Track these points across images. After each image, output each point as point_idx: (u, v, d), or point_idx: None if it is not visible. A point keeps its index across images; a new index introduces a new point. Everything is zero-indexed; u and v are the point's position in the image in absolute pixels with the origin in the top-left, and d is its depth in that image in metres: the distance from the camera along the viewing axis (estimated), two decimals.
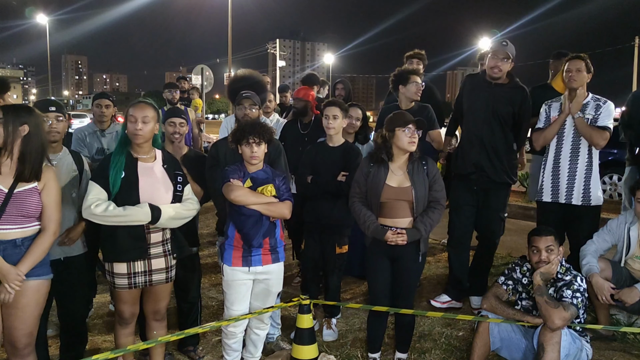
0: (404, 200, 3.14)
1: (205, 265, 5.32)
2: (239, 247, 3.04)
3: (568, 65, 3.99)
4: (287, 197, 3.05)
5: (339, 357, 3.56)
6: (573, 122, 4.00)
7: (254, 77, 3.87)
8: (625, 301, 3.55)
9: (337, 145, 3.79)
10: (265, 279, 3.11)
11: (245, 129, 2.99)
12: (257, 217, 2.96)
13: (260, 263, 3.06)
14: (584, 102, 3.98)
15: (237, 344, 3.21)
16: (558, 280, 3.22)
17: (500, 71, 4.07)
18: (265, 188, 2.99)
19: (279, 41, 77.80)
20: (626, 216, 3.84)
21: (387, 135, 3.16)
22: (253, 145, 2.95)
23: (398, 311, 3.24)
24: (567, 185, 4.02)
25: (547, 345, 2.96)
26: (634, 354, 3.58)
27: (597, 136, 3.90)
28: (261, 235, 2.99)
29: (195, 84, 13.91)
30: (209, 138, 10.62)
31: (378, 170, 3.18)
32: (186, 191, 3.00)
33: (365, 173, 3.23)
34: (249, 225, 2.96)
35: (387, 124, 3.20)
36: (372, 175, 3.19)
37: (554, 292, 3.19)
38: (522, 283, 3.38)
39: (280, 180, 3.07)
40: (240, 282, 3.09)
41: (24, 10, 40.63)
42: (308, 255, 3.95)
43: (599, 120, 3.94)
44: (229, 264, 3.06)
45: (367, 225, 3.17)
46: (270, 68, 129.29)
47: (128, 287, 2.84)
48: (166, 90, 7.38)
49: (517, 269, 3.43)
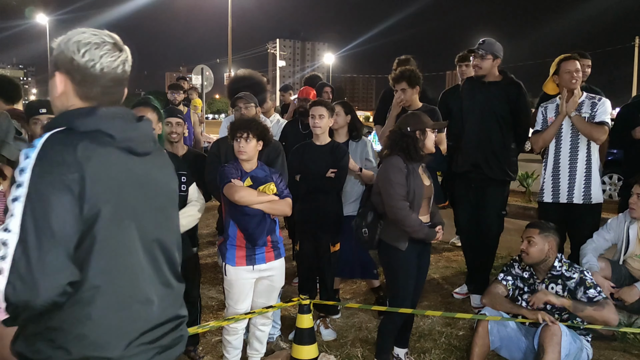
0: (428, 197, 3.23)
1: (205, 265, 5.32)
2: (242, 247, 3.04)
3: (566, 67, 3.97)
4: (286, 195, 3.08)
5: (339, 357, 3.56)
6: (570, 122, 4.00)
7: (254, 77, 3.90)
8: (625, 300, 3.56)
9: (324, 144, 3.83)
10: (269, 276, 3.14)
11: (235, 124, 3.03)
12: (260, 216, 2.98)
13: (264, 261, 3.08)
14: (579, 100, 3.98)
15: (238, 341, 3.21)
16: (566, 278, 3.23)
17: (480, 69, 4.15)
18: (267, 186, 3.01)
19: (279, 41, 77.84)
20: (626, 215, 3.85)
21: (419, 133, 3.14)
22: (241, 140, 2.97)
23: (396, 311, 3.24)
24: (567, 184, 4.02)
25: (547, 346, 2.96)
26: (634, 353, 3.58)
27: (596, 131, 3.90)
28: (265, 233, 3.02)
29: (195, 84, 13.90)
30: (209, 138, 10.61)
31: (414, 170, 3.14)
32: (191, 191, 3.00)
33: (405, 173, 3.08)
34: (254, 225, 2.97)
35: (415, 124, 3.14)
36: (413, 175, 3.10)
37: (562, 290, 3.22)
38: (522, 277, 3.39)
39: (277, 177, 3.10)
40: (244, 281, 3.10)
41: (24, 10, 40.70)
42: (303, 255, 3.95)
43: (597, 117, 3.95)
44: (233, 264, 3.06)
45: (421, 229, 3.07)
46: (270, 68, 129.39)
47: None
48: (169, 92, 7.45)
49: (516, 264, 3.44)
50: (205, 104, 14.45)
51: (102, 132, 1.38)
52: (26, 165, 1.27)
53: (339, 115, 4.07)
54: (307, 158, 3.81)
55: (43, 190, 1.25)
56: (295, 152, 3.90)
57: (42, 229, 1.24)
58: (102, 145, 1.37)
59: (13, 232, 1.23)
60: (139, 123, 1.49)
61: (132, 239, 1.42)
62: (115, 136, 1.40)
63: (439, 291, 4.76)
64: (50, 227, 1.24)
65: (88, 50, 1.41)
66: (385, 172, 3.13)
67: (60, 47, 1.44)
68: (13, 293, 1.21)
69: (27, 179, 1.26)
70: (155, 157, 1.55)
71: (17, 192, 1.26)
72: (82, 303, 1.33)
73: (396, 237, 3.12)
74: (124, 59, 1.48)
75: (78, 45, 1.41)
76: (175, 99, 7.33)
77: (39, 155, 1.28)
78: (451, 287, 4.85)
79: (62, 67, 1.43)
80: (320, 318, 3.93)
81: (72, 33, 1.44)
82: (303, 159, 3.82)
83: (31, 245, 1.23)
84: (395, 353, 3.44)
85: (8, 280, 1.21)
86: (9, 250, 1.22)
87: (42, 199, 1.25)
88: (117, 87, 1.48)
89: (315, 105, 3.80)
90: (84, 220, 1.31)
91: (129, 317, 1.39)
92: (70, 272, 1.28)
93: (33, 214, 1.24)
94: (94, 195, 1.31)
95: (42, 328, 1.33)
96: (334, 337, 3.83)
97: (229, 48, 27.30)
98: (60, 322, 1.32)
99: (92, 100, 1.44)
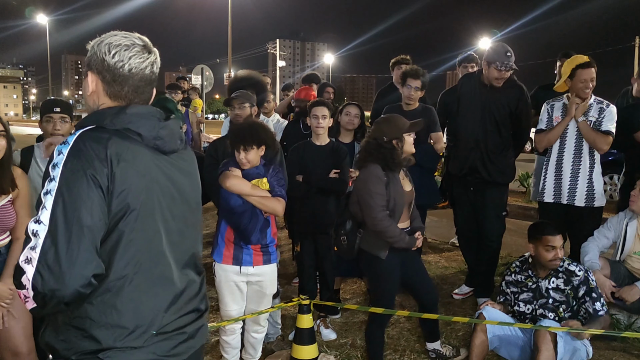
0: (409, 203, 3.17)
1: (205, 265, 5.26)
2: (230, 243, 3.00)
3: (582, 75, 3.89)
4: (279, 194, 2.97)
5: (338, 357, 3.56)
6: (576, 124, 3.98)
7: (254, 77, 3.89)
8: (626, 299, 3.55)
9: (324, 144, 3.83)
10: (257, 281, 3.08)
11: (238, 135, 2.94)
12: (250, 211, 2.90)
13: (251, 264, 3.01)
14: (588, 103, 3.94)
15: (236, 341, 3.20)
16: (569, 273, 3.25)
17: (503, 80, 4.06)
18: (260, 181, 2.93)
19: (279, 41, 77.81)
20: (626, 212, 3.86)
21: (396, 142, 3.06)
22: (241, 152, 2.91)
23: (394, 313, 3.26)
24: (569, 186, 4.00)
25: (541, 345, 2.98)
26: (634, 353, 3.57)
27: (600, 141, 3.88)
28: (259, 230, 2.93)
29: (195, 84, 13.89)
30: (208, 138, 10.59)
31: (393, 176, 3.06)
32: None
33: (384, 182, 3.00)
34: (245, 221, 2.90)
35: (392, 131, 3.06)
36: (393, 183, 3.03)
37: (563, 284, 3.25)
38: (516, 281, 3.41)
39: (273, 175, 2.99)
40: (233, 284, 3.06)
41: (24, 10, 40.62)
42: (303, 255, 3.95)
43: (603, 125, 3.91)
44: (219, 261, 3.03)
45: (402, 238, 3.02)
46: (270, 68, 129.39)
47: None
48: (167, 92, 7.50)
49: (507, 272, 3.49)
50: (205, 104, 14.42)
51: (131, 130, 1.45)
52: (59, 161, 1.34)
53: (357, 117, 4.15)
54: (307, 158, 3.80)
55: (74, 185, 1.32)
56: (295, 151, 3.89)
57: (72, 221, 1.30)
58: (131, 143, 1.44)
59: (44, 224, 1.30)
60: (167, 122, 1.55)
61: (158, 234, 1.48)
62: (144, 135, 1.47)
63: (438, 291, 4.75)
64: (80, 220, 1.30)
65: (118, 52, 1.49)
66: (364, 182, 3.04)
67: (93, 48, 1.52)
68: (41, 282, 1.27)
69: (59, 173, 1.33)
70: (182, 154, 1.63)
71: (49, 185, 1.33)
72: (110, 293, 1.39)
73: (376, 246, 3.06)
74: (152, 60, 1.55)
75: (109, 47, 1.49)
76: (173, 98, 7.36)
77: (71, 151, 1.35)
78: (451, 287, 4.84)
79: (94, 67, 1.51)
80: (320, 318, 3.92)
81: (105, 35, 1.53)
82: (302, 159, 3.81)
83: (60, 237, 1.29)
84: (430, 348, 3.48)
85: (36, 269, 1.27)
86: (39, 241, 1.29)
87: (72, 193, 1.31)
88: (146, 87, 1.55)
89: (317, 106, 3.79)
90: (112, 215, 1.38)
91: (154, 307, 1.46)
92: (96, 265, 1.33)
93: (64, 207, 1.30)
94: (123, 191, 1.38)
95: (71, 318, 1.39)
96: (334, 337, 3.83)
97: (229, 48, 27.28)
98: (89, 312, 1.38)
99: (122, 99, 1.51)
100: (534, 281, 3.34)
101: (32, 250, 1.29)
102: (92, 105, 1.53)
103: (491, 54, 4.06)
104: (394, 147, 3.04)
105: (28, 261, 1.29)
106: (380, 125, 3.13)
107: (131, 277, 1.41)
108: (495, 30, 46.07)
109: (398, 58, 5.32)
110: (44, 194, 1.33)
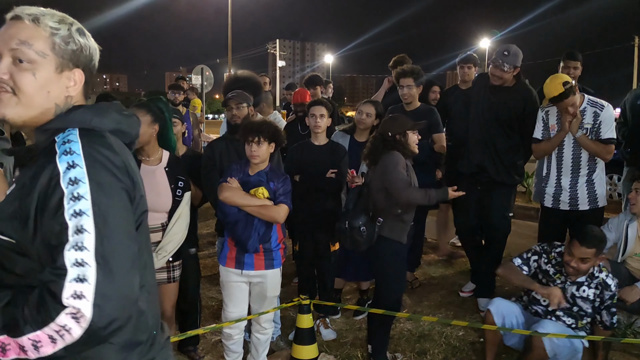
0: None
1: (205, 265, 5.32)
2: (232, 247, 3.03)
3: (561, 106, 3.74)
4: (282, 201, 2.95)
5: (338, 357, 3.56)
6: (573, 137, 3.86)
7: (248, 78, 3.82)
8: (627, 300, 3.55)
9: (323, 144, 3.83)
10: (259, 282, 3.08)
11: (252, 127, 2.96)
12: (244, 220, 2.90)
13: (253, 268, 3.02)
14: (580, 108, 3.80)
15: (236, 346, 3.20)
16: (605, 285, 3.23)
17: (500, 79, 4.03)
18: (257, 190, 2.94)
19: (279, 41, 77.72)
20: (626, 213, 3.84)
21: (399, 137, 3.26)
22: (252, 144, 2.93)
23: (393, 314, 3.26)
24: (569, 193, 3.92)
25: (533, 338, 3.06)
26: (634, 353, 3.57)
27: (603, 151, 3.78)
28: (257, 239, 2.92)
29: (195, 84, 13.88)
30: (208, 138, 10.58)
31: (409, 165, 3.31)
32: (185, 199, 2.96)
33: (405, 167, 3.25)
34: (239, 230, 2.91)
35: (395, 127, 3.27)
36: (410, 169, 3.28)
37: (593, 295, 3.23)
38: (545, 271, 3.35)
39: (279, 182, 2.98)
40: (235, 284, 3.07)
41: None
42: (303, 255, 3.94)
43: (602, 133, 3.77)
44: (223, 264, 3.08)
45: (431, 193, 3.18)
46: (270, 68, 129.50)
47: None
48: (170, 92, 7.51)
49: (544, 256, 3.38)
50: (205, 104, 14.40)
51: (122, 131, 1.32)
52: (79, 175, 1.15)
53: (369, 116, 4.14)
54: (306, 157, 3.80)
55: (108, 201, 1.16)
56: (294, 150, 3.89)
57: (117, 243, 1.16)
58: (126, 145, 1.33)
59: (87, 250, 1.11)
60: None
61: (148, 238, 1.43)
62: (131, 134, 1.35)
63: (438, 291, 4.76)
64: (122, 241, 1.17)
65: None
66: (386, 166, 3.22)
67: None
68: (99, 314, 1.10)
69: (87, 190, 1.14)
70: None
71: (77, 205, 1.13)
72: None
73: (398, 231, 3.25)
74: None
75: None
76: (175, 98, 7.35)
77: (88, 162, 1.17)
78: (451, 287, 4.85)
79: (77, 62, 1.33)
80: (320, 318, 3.92)
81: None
82: (301, 158, 3.81)
83: (113, 262, 1.13)
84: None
85: (94, 302, 1.10)
86: (89, 271, 1.10)
87: (110, 212, 1.16)
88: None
89: (315, 105, 3.79)
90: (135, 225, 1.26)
91: (156, 312, 1.40)
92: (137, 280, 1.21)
93: (107, 227, 1.14)
94: (138, 198, 1.27)
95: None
96: (334, 337, 3.83)
97: (229, 48, 27.30)
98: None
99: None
100: (562, 281, 3.28)
101: (81, 283, 1.09)
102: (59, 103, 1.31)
103: (493, 53, 4.13)
104: (399, 140, 3.26)
105: (78, 296, 1.09)
106: (386, 123, 3.39)
107: (143, 283, 1.29)
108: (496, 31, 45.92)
109: (396, 58, 5.32)
110: (74, 214, 1.12)
